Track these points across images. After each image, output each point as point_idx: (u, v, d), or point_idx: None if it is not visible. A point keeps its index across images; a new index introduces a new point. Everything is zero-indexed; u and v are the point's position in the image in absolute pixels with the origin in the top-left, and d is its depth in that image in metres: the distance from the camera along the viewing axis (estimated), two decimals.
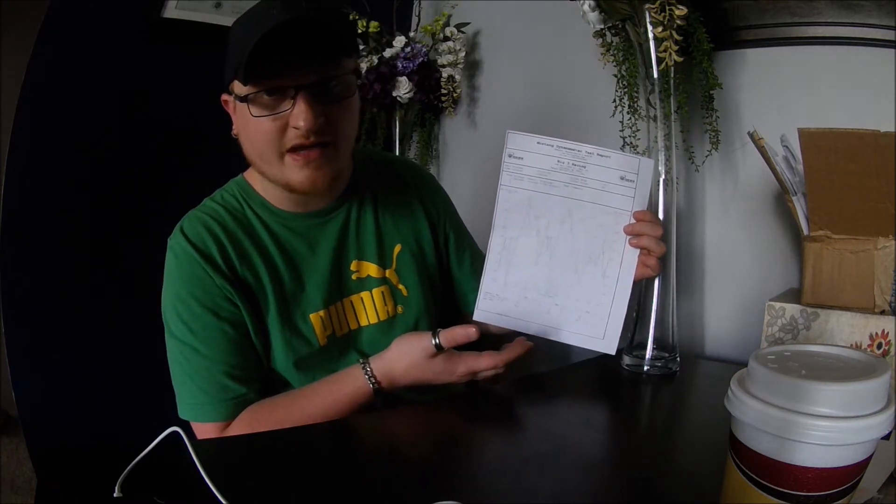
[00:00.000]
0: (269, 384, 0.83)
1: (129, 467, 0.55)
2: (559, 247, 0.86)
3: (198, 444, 0.56)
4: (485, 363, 0.79)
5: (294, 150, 0.76)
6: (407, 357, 0.79)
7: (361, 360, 0.81)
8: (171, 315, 0.80)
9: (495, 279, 0.88)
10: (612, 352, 0.85)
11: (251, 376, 0.81)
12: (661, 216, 0.97)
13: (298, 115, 0.73)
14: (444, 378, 0.80)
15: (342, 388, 0.80)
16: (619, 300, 0.85)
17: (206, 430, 0.79)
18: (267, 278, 0.82)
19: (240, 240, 0.83)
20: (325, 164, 0.77)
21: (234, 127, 0.81)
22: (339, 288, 0.88)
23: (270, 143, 0.75)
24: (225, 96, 0.80)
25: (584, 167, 0.84)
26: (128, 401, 1.32)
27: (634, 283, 0.85)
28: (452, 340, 0.77)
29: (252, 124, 0.75)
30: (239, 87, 0.74)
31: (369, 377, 0.79)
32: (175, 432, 0.58)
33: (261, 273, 0.82)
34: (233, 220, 0.83)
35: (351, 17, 1.40)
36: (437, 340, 0.77)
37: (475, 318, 0.89)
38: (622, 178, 0.84)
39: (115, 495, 0.53)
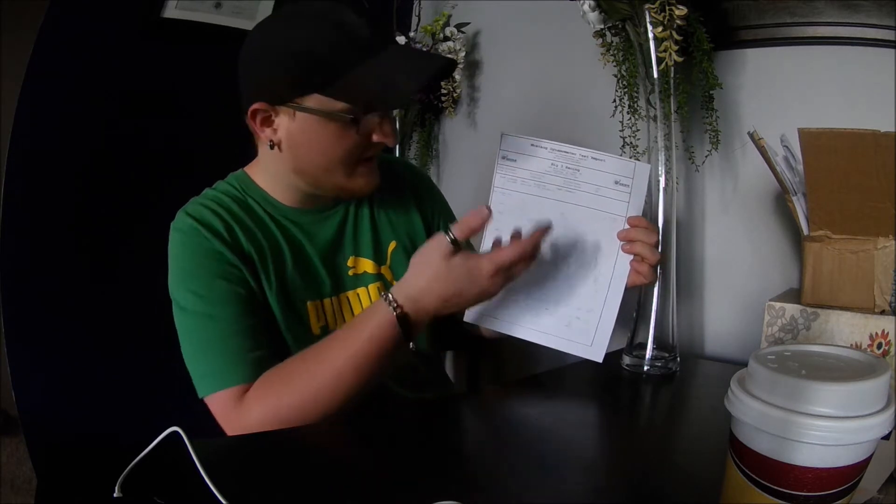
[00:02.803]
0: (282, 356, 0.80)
1: (129, 467, 0.55)
2: (551, 251, 0.85)
3: (198, 444, 0.56)
4: (510, 254, 0.74)
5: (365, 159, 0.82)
6: (425, 269, 0.75)
7: (384, 291, 0.78)
8: (180, 291, 0.79)
9: None
10: (600, 359, 0.83)
11: (267, 339, 0.79)
12: (660, 217, 0.97)
13: (389, 132, 0.80)
14: (474, 288, 0.74)
15: (363, 324, 0.75)
16: (610, 307, 0.83)
17: (225, 401, 0.74)
18: (270, 258, 0.83)
19: (243, 220, 0.84)
20: (377, 166, 0.85)
21: (274, 136, 0.79)
22: (336, 283, 0.89)
23: (350, 155, 0.80)
24: (261, 105, 0.77)
25: (578, 170, 0.83)
26: (128, 401, 1.32)
27: (627, 289, 0.84)
28: (467, 228, 0.74)
29: (328, 138, 0.78)
30: (319, 101, 0.75)
31: (390, 303, 0.74)
32: (175, 432, 0.58)
33: (265, 250, 0.83)
34: (237, 206, 0.85)
35: None
36: (452, 235, 0.74)
37: (465, 319, 0.89)
38: (617, 183, 0.82)
39: (115, 495, 0.53)
